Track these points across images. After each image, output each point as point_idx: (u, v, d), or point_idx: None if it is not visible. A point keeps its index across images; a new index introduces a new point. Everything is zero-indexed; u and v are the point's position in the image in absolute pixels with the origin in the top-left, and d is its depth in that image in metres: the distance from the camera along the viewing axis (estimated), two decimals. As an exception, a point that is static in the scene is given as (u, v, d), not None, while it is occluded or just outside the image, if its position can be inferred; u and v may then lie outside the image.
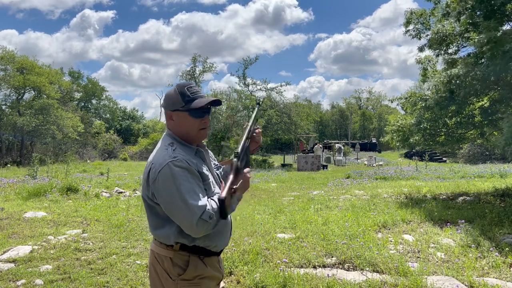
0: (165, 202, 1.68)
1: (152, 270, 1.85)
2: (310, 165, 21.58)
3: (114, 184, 12.04)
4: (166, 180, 1.66)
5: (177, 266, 1.77)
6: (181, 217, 1.65)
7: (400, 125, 9.01)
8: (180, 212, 1.64)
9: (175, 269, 1.77)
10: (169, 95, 1.83)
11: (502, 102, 8.00)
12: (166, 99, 1.85)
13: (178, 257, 1.78)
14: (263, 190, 11.61)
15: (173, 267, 1.77)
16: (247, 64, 29.87)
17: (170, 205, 1.66)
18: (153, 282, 1.86)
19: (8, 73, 28.01)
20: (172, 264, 1.77)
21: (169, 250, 1.78)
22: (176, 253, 1.77)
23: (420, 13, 8.86)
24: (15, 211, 7.38)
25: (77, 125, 29.81)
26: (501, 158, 24.91)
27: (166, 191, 1.66)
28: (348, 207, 7.44)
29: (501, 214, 6.23)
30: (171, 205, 1.66)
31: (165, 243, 1.79)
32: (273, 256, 4.41)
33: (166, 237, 1.77)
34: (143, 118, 57.22)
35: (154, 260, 1.83)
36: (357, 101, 71.63)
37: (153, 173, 1.71)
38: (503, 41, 6.18)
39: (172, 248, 1.77)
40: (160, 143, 1.85)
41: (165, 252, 1.79)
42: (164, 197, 1.67)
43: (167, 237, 1.77)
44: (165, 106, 1.84)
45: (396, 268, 3.93)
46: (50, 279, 3.97)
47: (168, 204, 1.67)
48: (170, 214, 1.69)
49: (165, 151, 1.75)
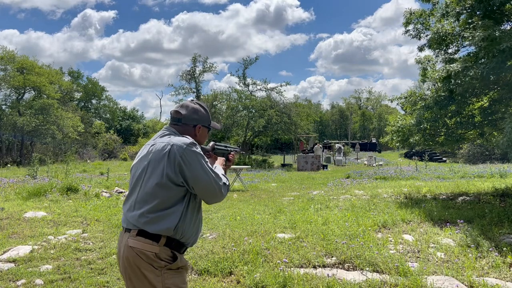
0: (196, 170, 1.90)
1: (132, 266, 1.90)
2: (310, 165, 21.59)
3: (114, 184, 12.04)
4: (194, 153, 1.92)
5: (162, 259, 1.90)
6: (210, 183, 1.92)
7: (400, 126, 9.01)
8: (210, 178, 1.92)
9: (161, 262, 1.90)
10: (202, 112, 2.19)
11: (501, 102, 8.00)
12: (199, 114, 2.17)
13: (163, 252, 1.90)
14: (263, 190, 11.61)
15: (159, 260, 1.89)
16: (247, 64, 29.92)
17: (202, 172, 1.91)
18: (134, 277, 1.91)
19: (8, 73, 28.03)
20: (157, 257, 1.89)
21: (154, 246, 1.88)
22: (161, 248, 1.90)
23: (419, 13, 8.85)
24: (15, 211, 7.38)
25: (77, 125, 29.82)
26: (501, 158, 24.92)
27: (195, 162, 1.91)
28: (348, 207, 7.44)
29: (500, 214, 6.23)
30: (202, 173, 1.91)
31: (163, 234, 1.89)
32: (273, 256, 4.42)
33: (166, 230, 1.89)
34: (143, 118, 57.28)
35: (135, 256, 1.89)
36: (357, 101, 71.65)
37: (178, 148, 1.90)
38: (500, 40, 6.17)
39: (157, 244, 1.88)
40: (170, 135, 2.06)
41: (150, 247, 1.88)
42: (194, 166, 1.90)
43: (167, 230, 1.89)
44: (197, 119, 2.16)
45: (396, 268, 3.94)
46: (50, 279, 3.97)
47: (199, 172, 1.90)
48: (200, 181, 1.91)
49: (184, 137, 2.00)
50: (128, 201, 2.04)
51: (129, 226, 1.97)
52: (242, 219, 6.60)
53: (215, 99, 29.98)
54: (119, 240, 2.05)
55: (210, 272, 4.05)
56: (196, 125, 2.15)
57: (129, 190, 2.09)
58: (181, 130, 2.12)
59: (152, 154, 1.97)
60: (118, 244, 2.05)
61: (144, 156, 2.04)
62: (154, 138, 2.12)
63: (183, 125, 2.13)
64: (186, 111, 2.14)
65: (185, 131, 2.11)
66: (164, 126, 2.18)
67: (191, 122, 2.14)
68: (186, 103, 2.19)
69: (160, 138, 2.05)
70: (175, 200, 1.92)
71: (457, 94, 7.34)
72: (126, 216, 2.00)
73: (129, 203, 2.02)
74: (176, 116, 2.14)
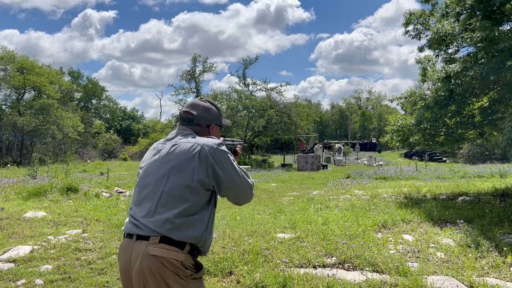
0: (229, 172, 1.85)
1: (155, 277, 1.72)
2: (310, 165, 21.58)
3: (114, 184, 12.05)
4: (225, 154, 1.86)
5: (187, 268, 1.78)
6: (243, 184, 1.89)
7: (400, 125, 9.01)
8: (242, 179, 1.89)
9: (186, 271, 1.77)
10: (213, 111, 2.08)
11: (501, 102, 8.00)
12: (211, 113, 2.07)
13: (187, 260, 1.79)
14: (263, 190, 11.61)
15: (185, 268, 1.77)
16: (247, 64, 29.93)
17: (235, 173, 1.86)
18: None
19: (8, 73, 28.03)
20: (183, 266, 1.76)
21: (180, 253, 1.76)
22: (186, 255, 1.78)
23: (419, 14, 8.86)
24: (15, 211, 7.38)
25: (77, 125, 29.83)
26: (501, 158, 24.92)
27: (227, 163, 1.85)
28: (348, 207, 7.44)
29: (500, 214, 6.23)
30: (235, 174, 1.86)
31: (188, 241, 1.78)
32: (273, 256, 4.42)
33: (192, 238, 1.79)
34: (143, 118, 57.30)
35: (160, 266, 1.72)
36: (357, 101, 71.64)
37: (209, 149, 1.83)
38: (499, 40, 6.17)
39: (182, 251, 1.76)
40: (191, 135, 1.96)
41: (177, 255, 1.75)
42: (227, 167, 1.85)
43: (193, 238, 1.79)
44: (210, 119, 2.05)
45: (396, 268, 3.94)
46: (50, 279, 3.97)
47: (232, 174, 1.86)
48: (234, 183, 1.86)
49: (212, 137, 1.95)
50: (143, 205, 1.84)
51: (147, 232, 1.76)
52: (242, 219, 6.60)
53: (215, 99, 29.98)
54: (125, 250, 1.83)
55: (210, 272, 4.05)
56: (210, 125, 2.04)
57: (142, 193, 1.89)
58: (195, 130, 1.99)
59: (177, 154, 1.83)
60: (124, 255, 1.82)
61: (163, 156, 1.87)
62: (170, 138, 1.97)
63: (195, 126, 2.00)
64: (197, 110, 2.01)
65: (198, 132, 1.99)
66: (178, 126, 2.03)
67: (204, 122, 2.02)
68: (196, 102, 2.06)
69: (183, 138, 1.91)
70: (201, 205, 1.81)
71: (457, 94, 7.34)
72: (142, 222, 1.79)
73: (147, 207, 1.81)
74: (187, 116, 2.00)
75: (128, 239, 1.83)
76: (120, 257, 1.86)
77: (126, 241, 1.84)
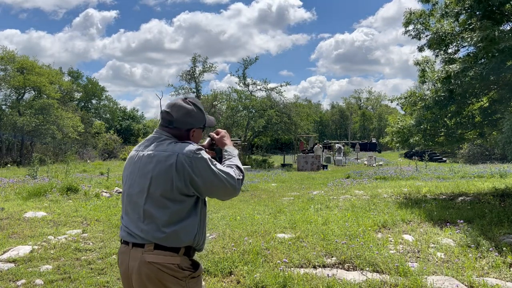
0: (208, 178, 1.80)
1: (154, 282, 1.78)
2: (310, 165, 21.58)
3: (114, 184, 12.04)
4: (202, 161, 1.81)
5: (184, 269, 1.82)
6: (224, 186, 1.82)
7: (400, 127, 9.01)
8: (223, 182, 1.82)
9: (184, 272, 1.82)
10: (195, 113, 1.96)
11: (501, 102, 8.01)
12: (192, 116, 1.95)
13: (183, 261, 1.83)
14: (263, 190, 11.61)
15: (182, 270, 1.82)
16: (247, 64, 29.88)
17: (214, 178, 1.80)
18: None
19: (8, 73, 28.03)
20: (180, 268, 1.81)
21: (176, 257, 1.80)
22: (182, 258, 1.83)
23: (419, 14, 8.85)
24: (15, 211, 7.38)
25: (77, 125, 29.82)
26: (501, 158, 24.90)
27: (205, 169, 1.80)
28: (348, 207, 7.44)
29: (500, 214, 6.23)
30: (214, 178, 1.80)
31: (186, 245, 1.82)
32: (273, 256, 4.42)
33: (187, 242, 1.82)
34: (143, 118, 57.29)
35: (158, 271, 1.77)
36: (357, 101, 71.63)
37: (185, 158, 1.78)
38: (499, 40, 6.17)
39: (177, 254, 1.80)
40: (167, 141, 1.89)
41: (173, 259, 1.79)
42: (205, 174, 1.79)
43: (187, 242, 1.82)
44: (191, 123, 1.95)
45: (396, 268, 3.94)
46: (50, 279, 3.97)
47: (211, 179, 1.80)
48: (214, 187, 1.82)
49: (188, 144, 1.86)
50: (131, 215, 1.87)
51: (141, 241, 1.80)
52: (242, 219, 6.60)
53: (215, 99, 29.99)
54: (123, 256, 1.87)
55: (210, 272, 4.05)
56: (191, 129, 1.95)
57: (128, 204, 1.90)
58: (173, 133, 1.92)
59: (154, 166, 1.81)
60: (123, 261, 1.87)
61: (142, 167, 1.86)
62: (145, 143, 1.94)
63: (174, 129, 1.92)
64: (178, 113, 1.91)
65: (177, 135, 1.93)
66: (156, 129, 1.97)
67: (184, 126, 1.93)
68: (177, 102, 1.94)
69: (159, 145, 1.87)
70: (187, 210, 1.82)
71: (457, 94, 7.34)
72: (134, 231, 1.83)
73: (135, 218, 1.84)
74: (167, 117, 1.92)
75: (125, 245, 1.88)
76: (119, 262, 1.92)
77: (124, 247, 1.89)
